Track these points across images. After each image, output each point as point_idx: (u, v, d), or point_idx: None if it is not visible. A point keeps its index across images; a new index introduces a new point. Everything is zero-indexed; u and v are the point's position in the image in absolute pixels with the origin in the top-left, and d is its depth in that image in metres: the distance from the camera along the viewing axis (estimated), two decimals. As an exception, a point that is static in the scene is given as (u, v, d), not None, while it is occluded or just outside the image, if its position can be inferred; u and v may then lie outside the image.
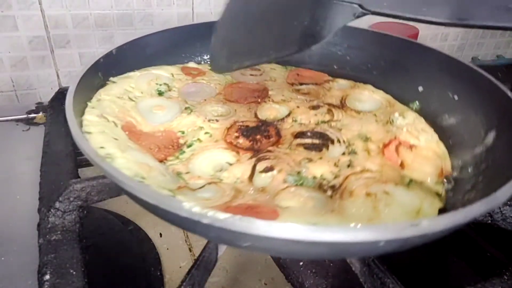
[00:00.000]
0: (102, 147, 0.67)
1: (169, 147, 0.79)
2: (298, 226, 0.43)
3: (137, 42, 1.00)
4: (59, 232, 0.68)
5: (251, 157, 0.77)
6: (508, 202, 0.77)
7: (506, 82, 0.99)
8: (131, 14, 1.33)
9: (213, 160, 0.76)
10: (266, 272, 0.83)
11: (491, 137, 0.76)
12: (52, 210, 0.70)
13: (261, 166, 0.74)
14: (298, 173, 0.73)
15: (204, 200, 0.64)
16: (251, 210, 0.61)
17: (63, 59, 1.33)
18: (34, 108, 1.26)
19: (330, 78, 1.14)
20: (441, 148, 0.84)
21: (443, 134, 0.88)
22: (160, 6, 1.35)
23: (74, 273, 0.61)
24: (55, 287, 0.59)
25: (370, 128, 0.88)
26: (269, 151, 0.79)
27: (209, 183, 0.69)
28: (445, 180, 0.77)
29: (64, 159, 0.87)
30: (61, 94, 1.12)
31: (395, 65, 1.06)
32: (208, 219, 0.45)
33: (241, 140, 0.82)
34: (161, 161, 0.75)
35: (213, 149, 0.78)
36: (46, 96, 1.34)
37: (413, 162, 0.78)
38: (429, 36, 1.89)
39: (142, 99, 0.91)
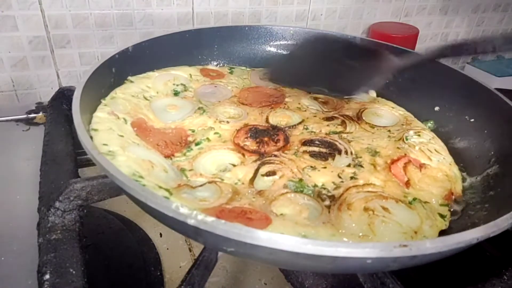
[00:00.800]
0: (105, 144, 0.68)
1: (176, 144, 0.80)
2: (282, 236, 0.44)
3: (155, 41, 1.02)
4: (59, 231, 0.68)
5: (255, 160, 0.77)
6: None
7: None
8: (131, 14, 1.33)
9: (218, 159, 0.77)
10: (266, 272, 0.82)
11: (500, 165, 0.77)
12: (52, 209, 0.70)
13: (264, 169, 0.75)
14: (300, 180, 0.73)
15: (200, 200, 0.65)
16: (244, 216, 0.62)
17: (63, 59, 1.33)
18: (34, 108, 1.26)
19: None
20: (453, 171, 0.83)
21: (455, 157, 0.88)
22: (160, 6, 1.35)
23: (74, 272, 0.61)
24: (55, 287, 0.59)
25: (381, 143, 0.87)
26: (275, 155, 0.79)
27: (210, 182, 0.70)
28: (452, 203, 0.76)
29: (64, 158, 0.87)
30: (61, 94, 1.12)
31: (413, 82, 1.07)
32: (194, 221, 0.45)
33: (248, 142, 0.82)
34: (167, 156, 0.76)
35: (220, 149, 0.79)
36: (46, 96, 1.34)
37: (420, 182, 0.77)
38: (429, 36, 1.89)
39: (156, 98, 0.93)
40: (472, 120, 0.92)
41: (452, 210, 0.74)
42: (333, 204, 0.69)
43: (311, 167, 0.77)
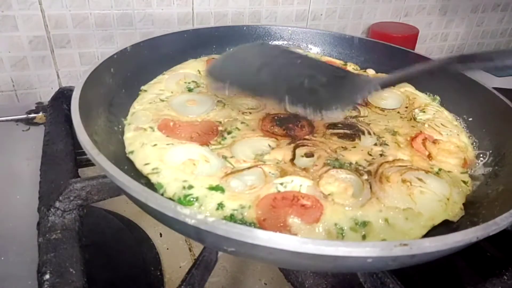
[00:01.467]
0: (146, 164, 0.71)
1: (209, 133, 0.82)
2: (282, 236, 0.44)
3: (153, 41, 1.03)
4: (59, 231, 0.68)
5: (289, 143, 0.81)
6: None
7: None
8: (131, 14, 1.33)
9: (253, 145, 0.80)
10: (266, 272, 0.82)
11: (497, 165, 0.79)
12: (52, 209, 0.70)
13: (301, 151, 0.78)
14: (336, 159, 0.77)
15: (250, 188, 0.67)
16: (297, 202, 0.64)
17: (63, 59, 1.33)
18: (34, 108, 1.26)
19: (351, 69, 1.16)
20: (463, 140, 0.89)
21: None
22: (160, 6, 1.35)
23: (74, 272, 0.61)
24: (55, 287, 0.59)
25: (396, 124, 0.93)
26: (306, 139, 0.83)
27: (254, 166, 0.73)
28: (470, 169, 0.81)
29: (64, 158, 0.87)
30: (61, 94, 1.12)
31: (411, 82, 1.08)
32: (194, 221, 0.45)
33: (276, 129, 0.86)
34: (204, 144, 0.78)
35: (253, 136, 0.82)
36: (46, 96, 1.34)
37: (438, 155, 0.83)
38: (429, 36, 1.89)
39: (173, 97, 0.95)
40: (470, 119, 0.93)
41: (472, 175, 0.79)
42: (372, 178, 0.73)
43: (342, 147, 0.81)
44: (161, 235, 0.90)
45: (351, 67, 1.18)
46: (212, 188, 0.66)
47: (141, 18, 1.35)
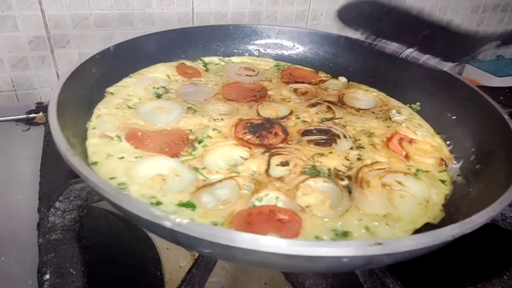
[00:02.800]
0: (112, 178, 0.67)
1: (179, 143, 0.79)
2: (257, 237, 0.44)
3: (137, 41, 1.02)
4: (59, 231, 0.68)
5: (264, 152, 0.79)
6: (508, 202, 0.77)
7: (507, 107, 1.00)
8: (131, 14, 1.33)
9: (227, 155, 0.77)
10: (266, 272, 0.82)
11: (479, 163, 0.78)
12: (52, 209, 0.70)
13: (276, 160, 0.77)
14: (313, 166, 0.76)
15: (223, 203, 0.65)
16: (274, 217, 0.62)
17: (63, 59, 1.33)
18: (34, 108, 1.26)
19: (322, 77, 1.17)
20: (436, 141, 0.89)
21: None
22: (160, 6, 1.35)
23: (74, 272, 0.61)
24: (55, 287, 0.59)
25: (372, 124, 0.93)
26: (281, 147, 0.81)
27: (227, 178, 0.70)
28: (445, 166, 0.81)
29: (64, 159, 0.87)
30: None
31: (395, 79, 1.08)
32: (169, 223, 0.45)
33: (249, 136, 0.84)
34: (174, 155, 0.75)
35: (225, 145, 0.80)
36: (46, 96, 1.34)
37: (415, 155, 0.83)
38: (429, 36, 1.89)
39: (141, 104, 0.91)
40: (454, 117, 0.92)
41: (451, 172, 0.80)
42: (353, 183, 0.72)
43: (319, 154, 0.80)
44: (161, 235, 0.90)
45: (322, 74, 1.18)
46: (182, 205, 0.64)
47: (141, 18, 1.35)
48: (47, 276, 0.60)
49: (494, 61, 2.09)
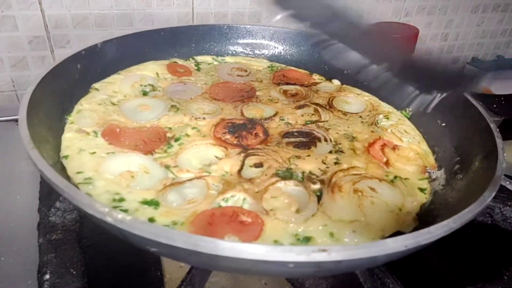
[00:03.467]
0: (79, 172, 0.67)
1: (156, 140, 0.79)
2: (198, 237, 0.42)
3: (125, 39, 1.02)
4: (59, 231, 0.68)
5: (239, 153, 0.78)
6: (509, 203, 0.77)
7: (499, 115, 0.98)
8: (131, 14, 1.33)
9: (202, 154, 0.77)
10: (266, 272, 0.82)
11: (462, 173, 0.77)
12: (52, 209, 0.70)
13: (250, 161, 0.76)
14: (288, 169, 0.75)
15: (189, 202, 0.64)
16: (236, 219, 0.62)
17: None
18: (34, 108, 1.26)
19: (316, 80, 1.16)
20: (423, 148, 0.88)
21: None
22: (160, 6, 1.35)
23: (74, 272, 0.61)
24: (55, 287, 0.59)
25: (356, 129, 0.92)
26: (258, 148, 0.81)
27: (197, 178, 0.70)
28: (428, 174, 0.80)
29: (64, 159, 0.87)
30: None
31: (384, 83, 1.05)
32: (111, 219, 0.45)
33: (228, 136, 0.83)
34: (148, 152, 0.75)
35: (201, 144, 0.79)
36: (46, 96, 1.34)
37: (397, 162, 0.82)
38: (429, 36, 1.89)
39: (125, 101, 0.91)
40: (443, 124, 0.91)
41: (435, 181, 0.78)
42: (325, 187, 0.71)
43: (296, 156, 0.79)
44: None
45: (316, 77, 1.18)
46: (145, 203, 0.63)
47: (141, 18, 1.34)
48: (47, 276, 0.60)
49: (494, 61, 2.09)
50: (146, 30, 1.07)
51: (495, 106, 1.22)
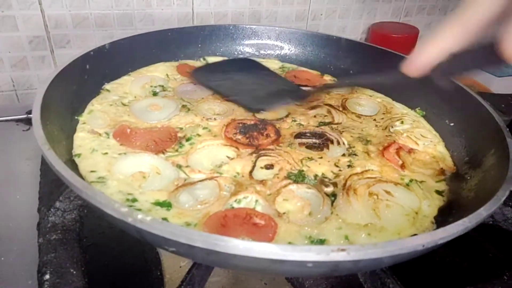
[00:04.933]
0: (92, 171, 0.68)
1: (166, 140, 0.79)
2: (217, 237, 0.43)
3: (133, 39, 1.02)
4: (59, 231, 0.68)
5: (251, 153, 0.78)
6: (510, 203, 0.77)
7: (507, 115, 0.98)
8: (131, 14, 1.33)
9: (213, 155, 0.77)
10: (266, 272, 0.82)
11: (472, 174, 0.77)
12: (52, 209, 0.70)
13: (261, 162, 0.76)
14: (300, 171, 0.75)
15: (201, 203, 0.64)
16: (249, 221, 0.62)
17: (63, 59, 1.32)
18: (34, 108, 1.26)
19: (327, 81, 1.15)
20: (439, 150, 0.87)
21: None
22: (160, 6, 1.35)
23: (74, 272, 0.61)
24: (55, 287, 0.59)
25: (370, 132, 0.91)
26: (270, 149, 0.80)
27: (209, 179, 0.70)
28: (448, 176, 0.79)
29: (64, 159, 0.87)
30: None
31: (397, 85, 1.06)
32: (131, 219, 0.45)
33: (239, 136, 0.83)
34: (159, 152, 0.75)
35: (212, 145, 0.79)
36: (46, 96, 1.34)
37: (412, 165, 0.81)
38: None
39: (135, 102, 0.91)
40: (452, 124, 0.91)
41: (450, 183, 0.77)
42: (339, 190, 0.71)
43: (308, 158, 0.78)
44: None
45: (328, 77, 1.17)
46: (157, 204, 0.64)
47: (141, 18, 1.34)
48: (47, 276, 0.60)
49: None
50: (154, 30, 1.08)
51: (503, 105, 1.21)
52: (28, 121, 1.22)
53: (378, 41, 1.61)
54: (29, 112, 1.22)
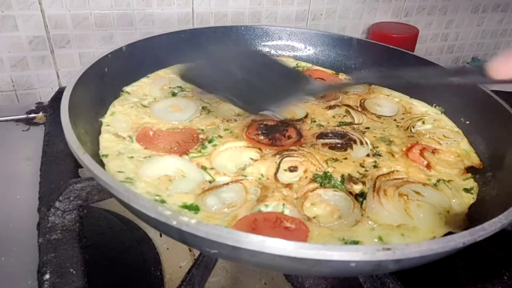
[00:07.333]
0: (120, 172, 0.69)
1: (189, 141, 0.80)
2: (264, 238, 0.43)
3: (149, 41, 1.02)
4: (59, 231, 0.68)
5: (274, 154, 0.78)
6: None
7: None
8: (131, 14, 1.33)
9: (236, 158, 0.77)
10: (266, 272, 0.82)
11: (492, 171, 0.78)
12: (52, 209, 0.70)
13: (285, 164, 0.75)
14: (325, 173, 0.74)
15: (228, 206, 0.64)
16: (280, 225, 0.61)
17: (63, 59, 1.33)
18: (34, 108, 1.26)
19: (342, 80, 1.15)
20: (463, 148, 0.87)
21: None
22: (160, 6, 1.35)
23: (74, 272, 0.61)
24: (55, 287, 0.59)
25: (392, 132, 0.91)
26: (293, 149, 0.80)
27: (234, 182, 0.70)
28: (476, 173, 0.79)
29: (64, 159, 0.87)
30: (61, 94, 1.11)
31: (410, 84, 1.06)
32: (176, 222, 0.45)
33: (261, 137, 0.83)
34: (183, 154, 0.76)
35: (235, 147, 0.80)
36: (46, 96, 1.34)
37: (437, 165, 0.81)
38: (430, 36, 1.89)
39: (155, 103, 0.93)
40: (468, 122, 0.92)
41: (480, 179, 0.77)
42: (369, 190, 0.71)
43: (333, 159, 0.78)
44: (161, 235, 0.90)
45: (343, 76, 1.17)
46: (185, 207, 0.64)
47: (141, 18, 1.34)
48: (47, 276, 0.60)
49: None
50: (168, 32, 1.08)
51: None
52: (28, 121, 1.22)
53: (378, 41, 1.61)
54: (29, 112, 1.24)
